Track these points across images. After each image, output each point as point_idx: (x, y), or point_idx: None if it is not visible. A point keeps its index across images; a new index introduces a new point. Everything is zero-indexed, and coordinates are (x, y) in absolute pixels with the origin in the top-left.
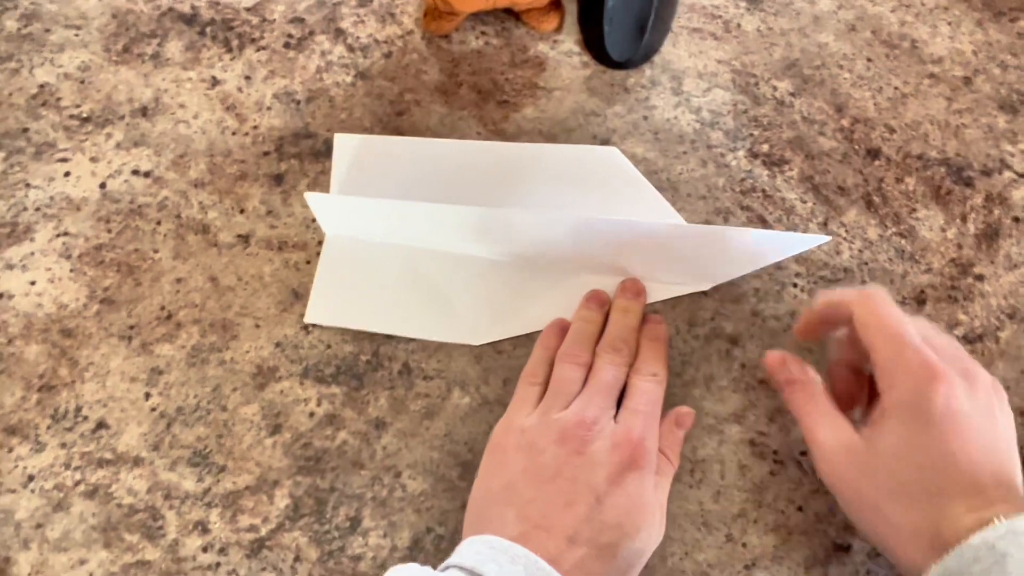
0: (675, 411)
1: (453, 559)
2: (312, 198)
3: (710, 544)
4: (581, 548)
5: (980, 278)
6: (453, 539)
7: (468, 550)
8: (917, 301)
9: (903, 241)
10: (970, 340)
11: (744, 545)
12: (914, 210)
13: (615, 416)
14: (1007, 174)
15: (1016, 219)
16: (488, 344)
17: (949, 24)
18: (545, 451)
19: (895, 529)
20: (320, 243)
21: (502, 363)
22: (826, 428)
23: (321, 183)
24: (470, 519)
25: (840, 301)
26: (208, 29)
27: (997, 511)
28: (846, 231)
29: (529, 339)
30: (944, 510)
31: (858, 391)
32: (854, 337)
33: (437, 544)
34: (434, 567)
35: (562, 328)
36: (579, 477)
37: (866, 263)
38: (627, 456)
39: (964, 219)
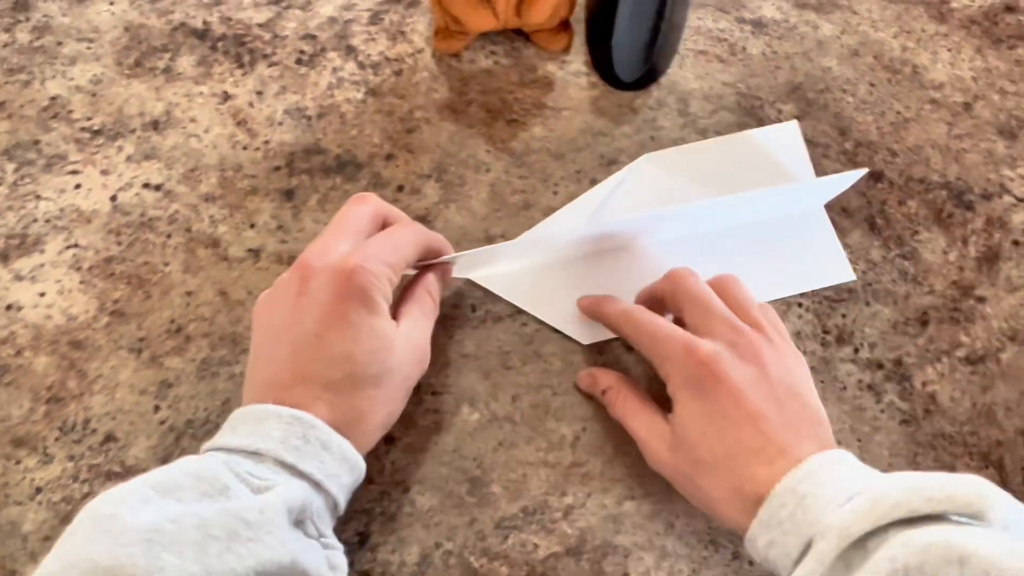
0: (440, 265)
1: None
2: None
3: (717, 562)
4: (311, 386)
5: (981, 300)
6: (461, 554)
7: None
8: (920, 322)
9: (906, 263)
10: (972, 361)
11: (750, 563)
12: (916, 232)
13: None
14: (1007, 198)
15: (1016, 242)
16: (498, 360)
17: (949, 51)
18: (282, 305)
19: (713, 497)
20: None
21: (511, 379)
22: (640, 422)
23: (332, 199)
24: None
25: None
26: (220, 44)
27: (786, 458)
28: (850, 252)
29: (540, 357)
30: (741, 471)
31: None
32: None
33: (445, 560)
34: None
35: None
36: (301, 320)
37: (869, 284)
38: (342, 285)
39: (965, 242)
